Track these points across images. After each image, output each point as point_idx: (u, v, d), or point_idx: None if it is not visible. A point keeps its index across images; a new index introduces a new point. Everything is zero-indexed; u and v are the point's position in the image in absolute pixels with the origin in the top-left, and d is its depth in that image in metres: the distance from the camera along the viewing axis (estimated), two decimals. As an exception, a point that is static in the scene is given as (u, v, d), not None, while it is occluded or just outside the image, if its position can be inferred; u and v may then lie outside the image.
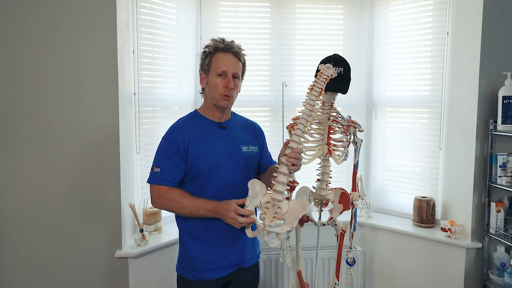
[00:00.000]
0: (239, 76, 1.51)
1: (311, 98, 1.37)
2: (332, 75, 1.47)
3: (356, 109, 2.56)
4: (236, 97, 1.55)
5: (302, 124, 1.34)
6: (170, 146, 1.45)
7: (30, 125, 1.85)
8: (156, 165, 1.46)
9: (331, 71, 1.47)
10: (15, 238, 1.87)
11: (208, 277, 1.48)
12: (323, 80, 1.42)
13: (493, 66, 2.00)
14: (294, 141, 1.34)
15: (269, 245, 1.30)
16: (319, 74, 1.44)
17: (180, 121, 1.55)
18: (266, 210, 1.33)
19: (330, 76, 1.46)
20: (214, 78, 1.47)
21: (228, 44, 1.49)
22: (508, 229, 2.00)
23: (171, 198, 1.42)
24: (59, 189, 1.89)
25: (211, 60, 1.48)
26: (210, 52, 1.49)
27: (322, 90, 1.40)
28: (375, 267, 2.44)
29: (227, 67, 1.46)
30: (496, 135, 2.01)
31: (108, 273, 1.95)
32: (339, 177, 2.53)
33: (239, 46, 1.52)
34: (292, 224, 1.29)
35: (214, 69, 1.47)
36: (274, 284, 2.37)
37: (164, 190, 1.44)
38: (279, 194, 1.30)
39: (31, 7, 1.81)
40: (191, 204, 1.40)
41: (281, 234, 1.29)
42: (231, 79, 1.46)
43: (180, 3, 2.31)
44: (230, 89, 1.46)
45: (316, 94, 1.38)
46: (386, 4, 2.47)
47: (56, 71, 1.85)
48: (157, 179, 1.45)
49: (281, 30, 2.47)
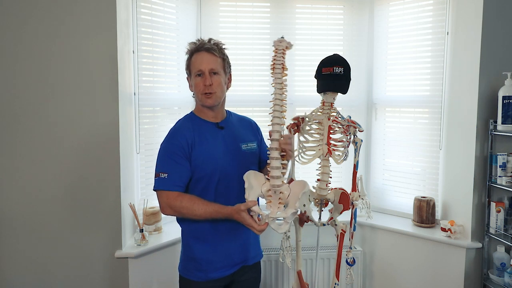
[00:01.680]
0: (219, 72, 1.49)
1: (277, 77, 1.35)
2: (288, 47, 1.41)
3: (356, 109, 2.56)
4: (224, 93, 1.53)
5: (277, 105, 1.33)
6: (174, 149, 1.44)
7: (30, 125, 1.85)
8: (162, 170, 1.44)
9: (285, 44, 1.40)
10: (15, 238, 1.87)
11: (212, 276, 1.48)
12: (281, 55, 1.37)
13: (493, 66, 2.00)
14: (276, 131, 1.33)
15: (278, 231, 1.30)
16: (275, 51, 1.39)
17: (179, 123, 1.55)
18: (270, 198, 1.33)
19: (286, 49, 1.40)
20: (194, 79, 1.49)
21: (201, 43, 1.50)
22: (508, 229, 2.00)
23: (182, 206, 1.40)
24: (59, 189, 1.89)
25: (190, 62, 1.51)
26: (188, 56, 1.52)
27: (283, 65, 1.36)
28: (375, 267, 2.44)
29: (201, 65, 1.47)
30: (496, 135, 2.01)
31: (108, 273, 1.95)
32: (339, 177, 2.53)
33: (216, 42, 1.51)
34: (295, 205, 1.29)
35: (193, 70, 1.49)
36: (274, 284, 2.37)
37: (174, 197, 1.41)
38: (277, 179, 1.30)
39: (31, 7, 1.81)
40: (203, 211, 1.39)
41: (287, 218, 1.29)
42: (208, 77, 1.46)
43: (180, 3, 2.31)
44: (209, 86, 1.46)
45: (280, 71, 1.35)
46: (386, 4, 2.47)
47: (56, 71, 1.85)
48: (165, 185, 1.42)
49: (281, 30, 2.46)
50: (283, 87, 1.35)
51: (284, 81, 1.36)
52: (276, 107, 1.33)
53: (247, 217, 1.33)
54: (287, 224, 1.31)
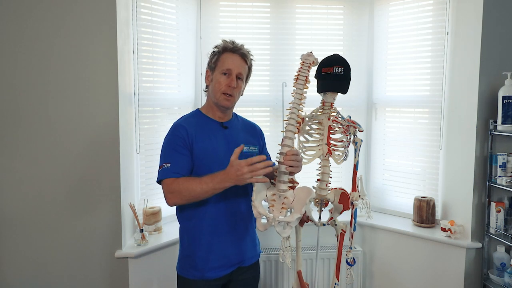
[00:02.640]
0: (243, 78, 1.53)
1: (298, 87, 1.42)
2: (314, 62, 1.52)
3: (356, 109, 2.56)
4: (238, 99, 1.56)
5: (294, 113, 1.38)
6: (176, 140, 1.45)
7: (30, 125, 1.85)
8: (165, 161, 1.44)
9: (312, 58, 1.52)
10: (15, 238, 1.87)
11: (208, 276, 1.48)
12: (306, 68, 1.46)
13: (493, 66, 2.00)
14: (288, 138, 1.36)
15: (282, 235, 1.34)
16: (301, 63, 1.49)
17: (182, 118, 1.56)
18: (273, 203, 1.35)
19: (312, 63, 1.51)
20: (219, 76, 1.49)
21: (237, 46, 1.53)
22: (508, 229, 2.00)
23: (180, 187, 1.38)
24: (59, 189, 1.88)
25: (218, 58, 1.51)
26: (219, 51, 1.52)
27: (307, 78, 1.45)
28: (375, 267, 2.44)
29: (232, 65, 1.49)
30: (496, 135, 2.01)
31: (108, 273, 1.95)
32: (339, 177, 2.53)
33: (248, 51, 1.56)
34: (300, 210, 1.31)
35: (220, 67, 1.50)
36: (274, 284, 2.37)
37: (171, 181, 1.40)
38: (283, 184, 1.33)
39: (32, 7, 1.81)
40: (199, 183, 1.35)
41: (292, 222, 1.32)
42: (235, 79, 1.48)
43: (180, 3, 2.31)
44: (232, 88, 1.48)
45: (302, 83, 1.43)
46: (386, 4, 2.47)
47: (56, 71, 1.85)
48: (167, 174, 1.41)
49: (281, 30, 2.47)
50: (303, 98, 1.42)
51: (304, 93, 1.42)
52: (293, 115, 1.38)
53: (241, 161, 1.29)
54: (290, 229, 1.34)
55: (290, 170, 1.35)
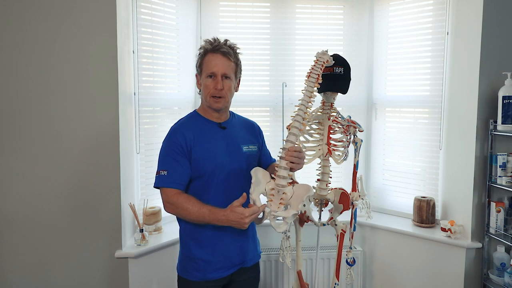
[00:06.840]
0: (231, 76, 1.49)
1: (309, 85, 1.40)
2: (328, 61, 1.49)
3: (356, 109, 2.56)
4: (232, 97, 1.54)
5: (301, 110, 1.37)
6: (173, 147, 1.44)
7: (30, 125, 1.85)
8: (162, 168, 1.44)
9: (327, 57, 1.49)
10: (15, 238, 1.87)
11: (210, 277, 1.48)
12: (319, 67, 1.44)
13: (493, 66, 2.00)
14: (292, 134, 1.36)
15: (277, 230, 1.31)
16: (315, 61, 1.46)
17: (179, 122, 1.55)
18: (271, 197, 1.34)
19: (326, 62, 1.48)
20: (205, 79, 1.48)
21: (218, 44, 1.48)
22: (508, 229, 2.00)
23: (179, 204, 1.40)
24: (59, 189, 1.89)
25: (202, 61, 1.49)
26: (202, 53, 1.50)
27: (319, 76, 1.42)
28: (375, 267, 2.44)
29: (215, 68, 1.45)
30: (496, 135, 2.01)
31: (108, 273, 1.95)
32: (339, 177, 2.53)
33: (231, 45, 1.50)
34: (297, 207, 1.30)
35: (205, 71, 1.48)
36: (274, 284, 2.37)
37: (172, 194, 1.41)
38: (282, 179, 1.32)
39: (32, 7, 1.81)
40: (197, 211, 1.38)
41: (288, 218, 1.30)
42: (220, 81, 1.45)
43: (180, 3, 2.31)
44: (220, 90, 1.46)
45: (314, 81, 1.41)
46: (386, 4, 2.47)
47: (56, 71, 1.85)
48: (164, 182, 1.42)
49: (281, 30, 2.47)
50: (312, 96, 1.40)
51: (315, 91, 1.41)
52: (300, 112, 1.37)
53: (244, 209, 1.32)
54: (286, 224, 1.32)
55: (290, 166, 1.35)
